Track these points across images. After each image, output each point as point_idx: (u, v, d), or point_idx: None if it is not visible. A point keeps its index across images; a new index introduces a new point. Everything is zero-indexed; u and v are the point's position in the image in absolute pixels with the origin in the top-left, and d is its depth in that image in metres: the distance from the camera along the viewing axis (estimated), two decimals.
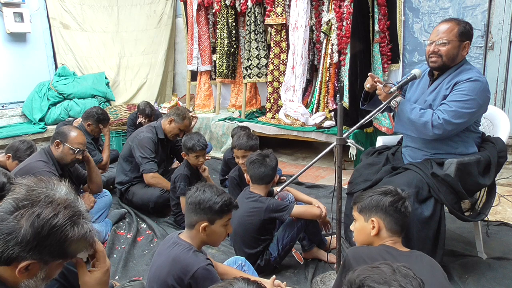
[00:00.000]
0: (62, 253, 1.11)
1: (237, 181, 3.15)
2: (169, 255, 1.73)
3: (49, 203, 1.10)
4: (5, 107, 5.77)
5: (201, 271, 1.65)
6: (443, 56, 2.22)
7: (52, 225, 1.07)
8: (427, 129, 2.16)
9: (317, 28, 4.88)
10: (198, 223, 1.75)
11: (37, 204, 1.09)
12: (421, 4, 4.40)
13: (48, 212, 1.08)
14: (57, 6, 6.07)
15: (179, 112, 3.53)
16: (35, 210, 1.08)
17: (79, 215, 1.14)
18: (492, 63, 4.15)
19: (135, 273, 2.54)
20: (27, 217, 1.06)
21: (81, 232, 1.13)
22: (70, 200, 1.15)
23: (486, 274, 2.34)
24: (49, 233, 1.07)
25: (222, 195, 1.78)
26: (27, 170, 2.59)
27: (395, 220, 1.61)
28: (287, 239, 2.42)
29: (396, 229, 1.62)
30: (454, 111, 2.13)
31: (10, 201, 1.10)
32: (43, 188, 1.14)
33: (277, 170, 2.52)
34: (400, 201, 1.63)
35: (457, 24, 2.21)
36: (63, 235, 1.09)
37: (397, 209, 1.62)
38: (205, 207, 1.73)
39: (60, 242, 1.09)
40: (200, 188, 1.78)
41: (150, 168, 3.34)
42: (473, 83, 2.15)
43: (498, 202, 3.32)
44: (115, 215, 3.25)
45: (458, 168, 2.16)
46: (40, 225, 1.06)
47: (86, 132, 3.82)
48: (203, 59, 5.98)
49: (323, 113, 4.77)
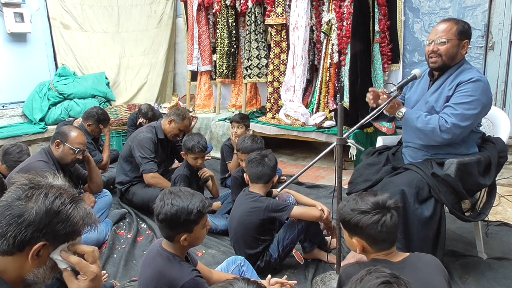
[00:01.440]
0: (71, 230, 1.14)
1: (239, 181, 3.15)
2: (154, 268, 1.67)
3: (51, 187, 1.16)
4: (6, 107, 5.77)
5: (188, 285, 1.60)
6: (442, 55, 2.22)
7: (61, 202, 1.13)
8: (435, 135, 2.16)
9: (318, 28, 4.88)
10: (177, 236, 1.64)
11: (42, 187, 1.14)
12: (421, 4, 4.40)
13: (54, 191, 1.14)
14: (58, 6, 6.07)
15: (179, 112, 3.53)
16: (42, 190, 1.12)
17: (78, 199, 1.19)
18: (492, 63, 4.14)
19: (135, 273, 2.53)
20: (35, 198, 1.10)
21: (85, 210, 1.18)
22: (67, 186, 1.21)
23: (486, 274, 2.34)
24: (59, 210, 1.11)
25: (192, 200, 1.63)
26: (27, 170, 2.58)
27: (379, 237, 1.50)
28: (287, 240, 2.42)
29: (382, 246, 1.52)
30: (461, 114, 2.12)
31: (15, 188, 1.13)
32: (41, 178, 1.19)
33: (276, 170, 2.52)
34: (381, 220, 1.48)
35: (455, 23, 2.22)
36: (70, 213, 1.13)
37: (377, 230, 1.48)
38: (179, 221, 1.60)
39: (68, 219, 1.13)
40: (166, 202, 1.62)
41: (150, 168, 3.34)
42: (475, 83, 2.15)
43: (498, 202, 3.32)
44: (115, 215, 3.26)
45: (458, 168, 2.16)
46: (50, 202, 1.11)
47: (86, 132, 3.82)
48: (203, 59, 5.98)
49: (323, 113, 4.77)
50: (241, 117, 3.94)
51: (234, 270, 2.11)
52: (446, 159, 2.23)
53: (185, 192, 1.66)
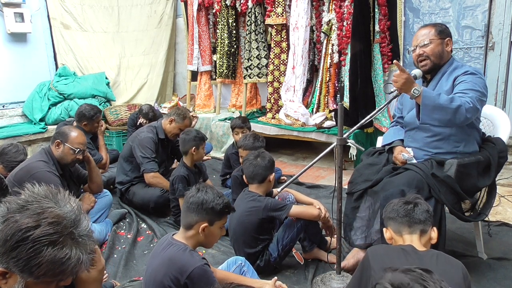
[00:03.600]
0: (29, 269, 1.01)
1: (240, 180, 3.14)
2: (164, 256, 1.73)
3: (36, 214, 1.03)
4: (6, 107, 5.76)
5: (197, 271, 1.66)
6: (429, 56, 2.28)
7: (23, 236, 1.00)
8: (460, 113, 2.04)
9: (318, 28, 4.88)
10: (198, 223, 1.75)
11: (23, 212, 1.03)
12: (421, 5, 4.40)
13: (26, 222, 1.01)
14: (58, 6, 6.06)
15: (180, 112, 3.53)
16: (15, 217, 1.02)
17: (64, 236, 1.04)
18: (492, 64, 4.15)
19: (135, 273, 2.54)
20: (6, 222, 1.02)
21: (56, 254, 1.01)
22: (65, 218, 1.06)
23: (486, 275, 2.34)
24: (18, 244, 1.00)
25: (222, 197, 1.80)
26: (27, 171, 2.59)
27: (399, 222, 1.69)
28: (287, 239, 2.42)
29: (402, 230, 1.67)
30: (475, 97, 2.12)
31: (3, 204, 1.06)
32: (45, 199, 1.08)
33: (271, 169, 2.51)
34: (403, 206, 1.70)
35: (433, 26, 2.33)
36: (33, 250, 1.00)
37: (399, 213, 1.69)
38: (207, 207, 1.75)
39: (29, 257, 1.00)
40: (202, 189, 1.80)
41: (151, 168, 3.35)
42: (472, 75, 2.20)
43: (498, 203, 3.32)
44: (115, 215, 3.26)
45: (458, 169, 2.16)
46: (11, 233, 1.00)
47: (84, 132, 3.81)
48: (204, 59, 5.98)
49: (324, 113, 4.77)
50: (243, 121, 3.92)
51: (235, 270, 2.12)
52: (446, 158, 2.24)
53: (218, 191, 1.84)
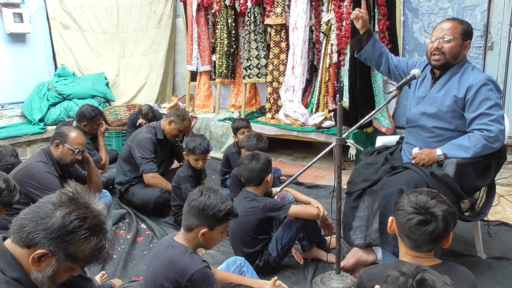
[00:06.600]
0: (74, 255, 1.20)
1: (238, 179, 3.14)
2: (165, 258, 1.71)
3: (85, 207, 1.23)
4: (5, 108, 5.76)
5: (198, 274, 1.65)
6: (446, 53, 2.24)
7: (78, 225, 1.19)
8: (488, 149, 2.17)
9: (317, 28, 4.88)
10: (198, 227, 1.73)
11: (75, 204, 1.22)
12: (420, 4, 4.40)
13: (80, 213, 1.20)
14: (57, 6, 6.06)
15: (179, 113, 3.53)
16: (71, 207, 1.21)
17: (103, 230, 1.25)
18: (491, 63, 4.15)
19: (135, 274, 2.54)
20: (62, 210, 1.19)
21: (98, 244, 1.22)
22: (101, 214, 1.27)
23: (485, 274, 2.35)
24: (72, 231, 1.18)
25: (225, 202, 1.76)
26: (26, 171, 2.59)
27: (408, 238, 1.45)
28: (286, 239, 2.42)
29: (408, 245, 1.46)
30: (498, 116, 2.17)
31: (58, 193, 1.24)
32: (86, 195, 1.28)
33: (267, 170, 2.50)
34: (417, 227, 1.42)
35: (460, 23, 2.27)
36: (82, 238, 1.19)
37: (411, 232, 1.43)
38: (208, 213, 1.71)
39: (77, 244, 1.19)
40: (205, 193, 1.76)
41: (150, 168, 3.35)
42: (486, 87, 2.19)
43: (497, 202, 3.32)
44: (114, 216, 3.25)
45: (457, 168, 2.16)
46: (69, 220, 1.18)
47: (84, 133, 3.81)
48: (203, 59, 5.98)
49: (323, 113, 4.77)
50: (247, 121, 3.98)
51: (234, 270, 2.11)
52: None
53: (222, 194, 1.80)
